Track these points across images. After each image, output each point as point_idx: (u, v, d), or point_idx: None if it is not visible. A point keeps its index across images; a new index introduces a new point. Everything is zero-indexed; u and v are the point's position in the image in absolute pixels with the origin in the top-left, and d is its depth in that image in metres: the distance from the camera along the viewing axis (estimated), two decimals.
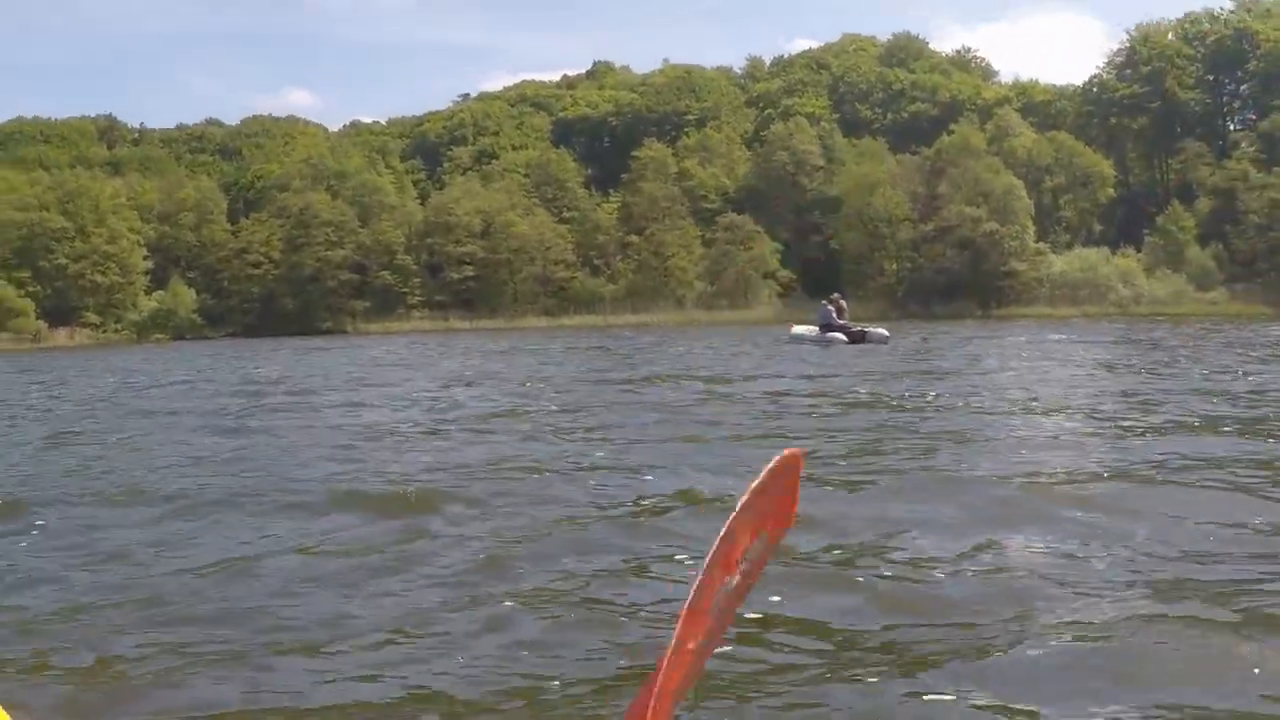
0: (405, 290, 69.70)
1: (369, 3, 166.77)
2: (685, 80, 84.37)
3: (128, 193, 71.80)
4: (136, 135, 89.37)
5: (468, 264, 70.39)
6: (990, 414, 11.39)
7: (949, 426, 10.20)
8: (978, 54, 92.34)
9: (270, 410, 15.05)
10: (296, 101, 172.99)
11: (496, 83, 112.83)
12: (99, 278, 69.11)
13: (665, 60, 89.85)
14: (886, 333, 29.85)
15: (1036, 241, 68.44)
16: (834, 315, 29.47)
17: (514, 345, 39.37)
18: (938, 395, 13.56)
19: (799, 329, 31.75)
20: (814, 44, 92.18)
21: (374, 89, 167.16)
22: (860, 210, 69.01)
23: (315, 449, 10.70)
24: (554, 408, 13.41)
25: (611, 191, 74.85)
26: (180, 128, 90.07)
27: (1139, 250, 66.89)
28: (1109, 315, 57.75)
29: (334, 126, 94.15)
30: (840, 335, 28.55)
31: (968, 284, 68.75)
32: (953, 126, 72.69)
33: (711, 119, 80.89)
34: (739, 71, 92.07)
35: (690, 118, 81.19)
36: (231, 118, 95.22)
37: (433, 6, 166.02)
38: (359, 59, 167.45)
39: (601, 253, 72.77)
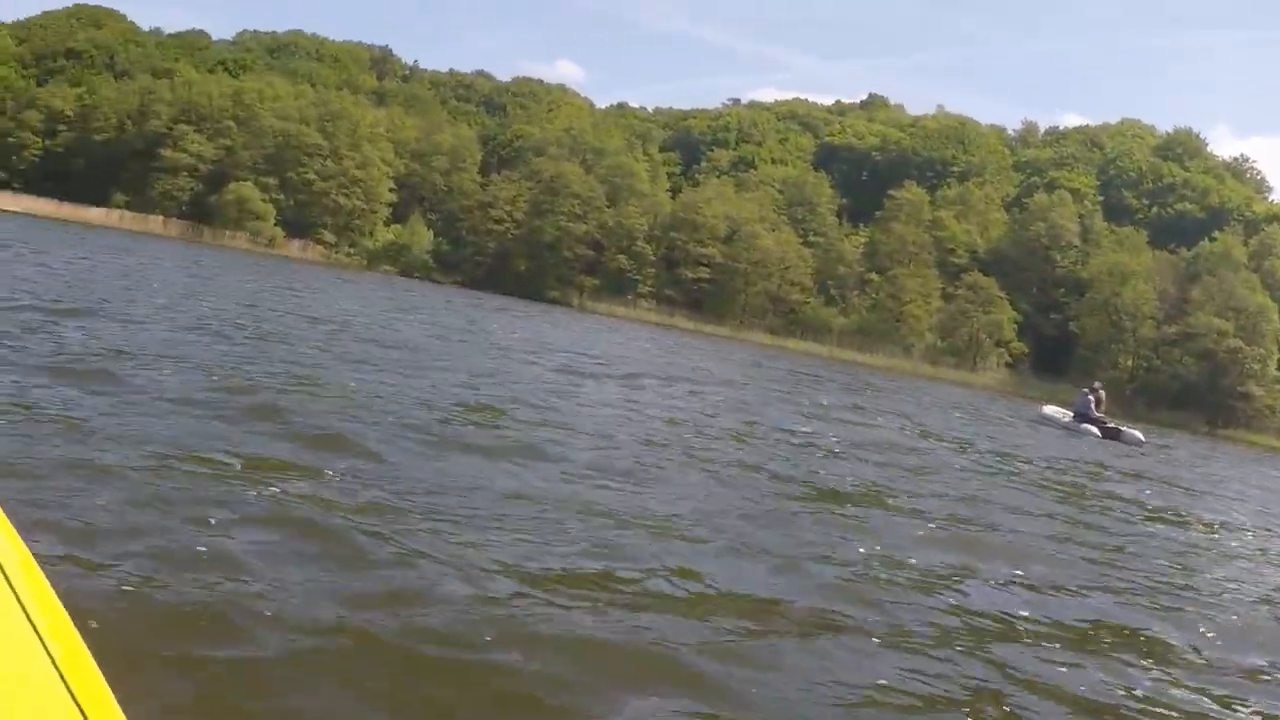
0: (638, 278, 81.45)
1: None
2: (957, 130, 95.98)
3: (388, 124, 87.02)
4: (407, 72, 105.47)
5: (704, 265, 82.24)
6: None
7: None
8: (1255, 164, 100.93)
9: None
10: (565, 73, 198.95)
11: (767, 95, 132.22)
12: (342, 199, 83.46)
13: (940, 106, 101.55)
14: (1142, 436, 32.96)
15: (1278, 369, 75.70)
16: (1092, 406, 32.89)
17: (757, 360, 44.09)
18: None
19: (1050, 410, 35.89)
20: (1089, 121, 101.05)
21: (644, 76, 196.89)
22: (1108, 298, 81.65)
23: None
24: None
25: (861, 225, 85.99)
26: (451, 73, 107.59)
27: None
28: None
29: (600, 104, 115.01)
30: (1094, 428, 31.80)
31: (1200, 396, 74.17)
32: (1216, 233, 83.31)
33: (975, 175, 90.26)
34: (1011, 133, 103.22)
35: (955, 169, 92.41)
36: (502, 74, 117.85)
37: (718, 8, 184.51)
38: (635, 43, 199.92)
39: (840, 283, 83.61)
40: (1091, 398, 32.62)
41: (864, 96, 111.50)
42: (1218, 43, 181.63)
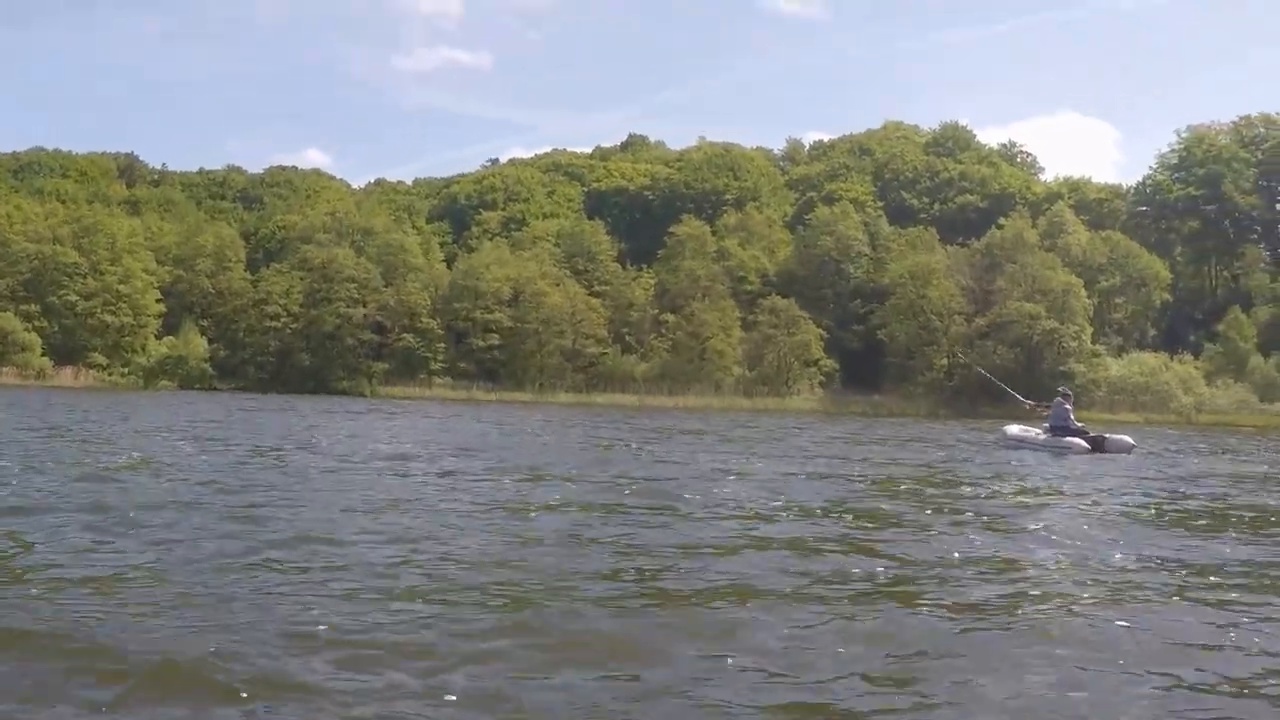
0: (428, 355, 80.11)
1: (391, 71, 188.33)
2: (723, 158, 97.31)
3: (145, 233, 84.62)
4: (157, 176, 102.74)
5: (494, 332, 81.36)
6: None
7: None
8: (1024, 148, 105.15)
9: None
10: (314, 160, 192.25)
11: (530, 151, 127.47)
12: (109, 317, 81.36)
13: (701, 137, 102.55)
14: (1131, 440, 29.76)
15: (1092, 343, 76.45)
16: (1071, 416, 29.90)
17: (624, 427, 43.77)
18: None
19: (1016, 429, 32.29)
20: (853, 130, 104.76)
21: (395, 154, 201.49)
22: (912, 301, 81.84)
23: None
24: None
25: (645, 267, 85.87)
26: (202, 172, 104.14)
27: (1195, 356, 75.25)
28: (1171, 423, 67.33)
29: (357, 184, 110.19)
30: (1079, 440, 28.54)
31: (1021, 383, 76.96)
32: (1002, 220, 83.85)
33: (751, 199, 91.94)
34: (778, 153, 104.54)
35: (729, 197, 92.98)
36: (254, 168, 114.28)
37: (457, 79, 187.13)
38: (381, 124, 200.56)
39: (635, 329, 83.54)
40: (1069, 406, 29.79)
41: (624, 139, 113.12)
42: (954, 42, 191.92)
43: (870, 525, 12.27)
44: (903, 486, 17.60)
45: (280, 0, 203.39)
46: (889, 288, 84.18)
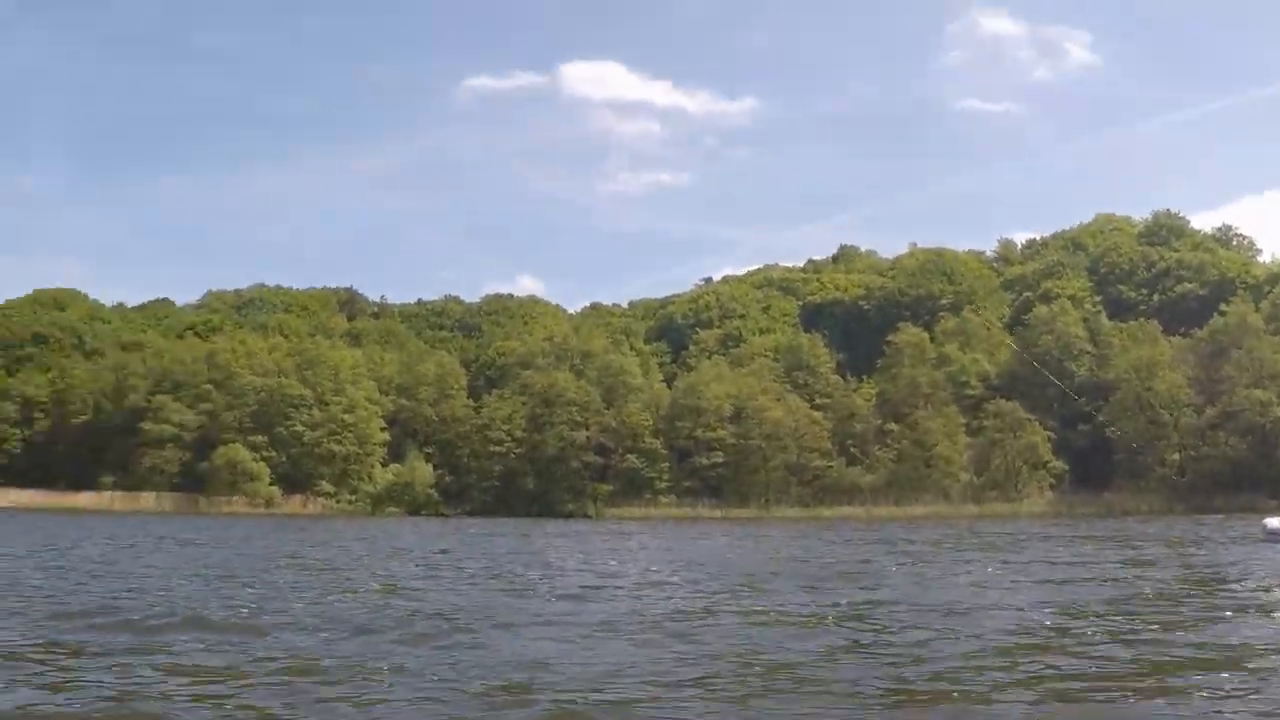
0: (652, 475, 79.16)
1: (597, 195, 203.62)
2: (936, 263, 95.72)
3: (367, 363, 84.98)
4: (376, 309, 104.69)
5: (717, 449, 79.82)
6: None
7: None
8: (1240, 230, 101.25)
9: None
10: (528, 287, 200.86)
11: (738, 267, 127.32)
12: (335, 446, 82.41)
13: (912, 243, 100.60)
14: None
15: None
16: None
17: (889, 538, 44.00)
18: None
19: (1276, 523, 30.73)
20: (1064, 226, 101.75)
21: (605, 277, 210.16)
22: (1139, 396, 79.41)
23: None
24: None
25: (865, 377, 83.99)
26: (420, 303, 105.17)
27: None
28: None
29: (571, 309, 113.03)
30: None
31: (1256, 473, 72.93)
32: (1224, 306, 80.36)
33: (967, 302, 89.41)
34: (990, 254, 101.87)
35: (944, 301, 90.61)
36: (470, 297, 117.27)
37: (662, 200, 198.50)
38: (589, 247, 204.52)
39: (858, 441, 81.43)
40: None
41: (834, 250, 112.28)
42: (1158, 128, 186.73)
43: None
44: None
45: (484, 136, 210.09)
46: (1113, 383, 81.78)
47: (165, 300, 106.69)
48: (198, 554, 30.47)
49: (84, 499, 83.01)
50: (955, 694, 9.65)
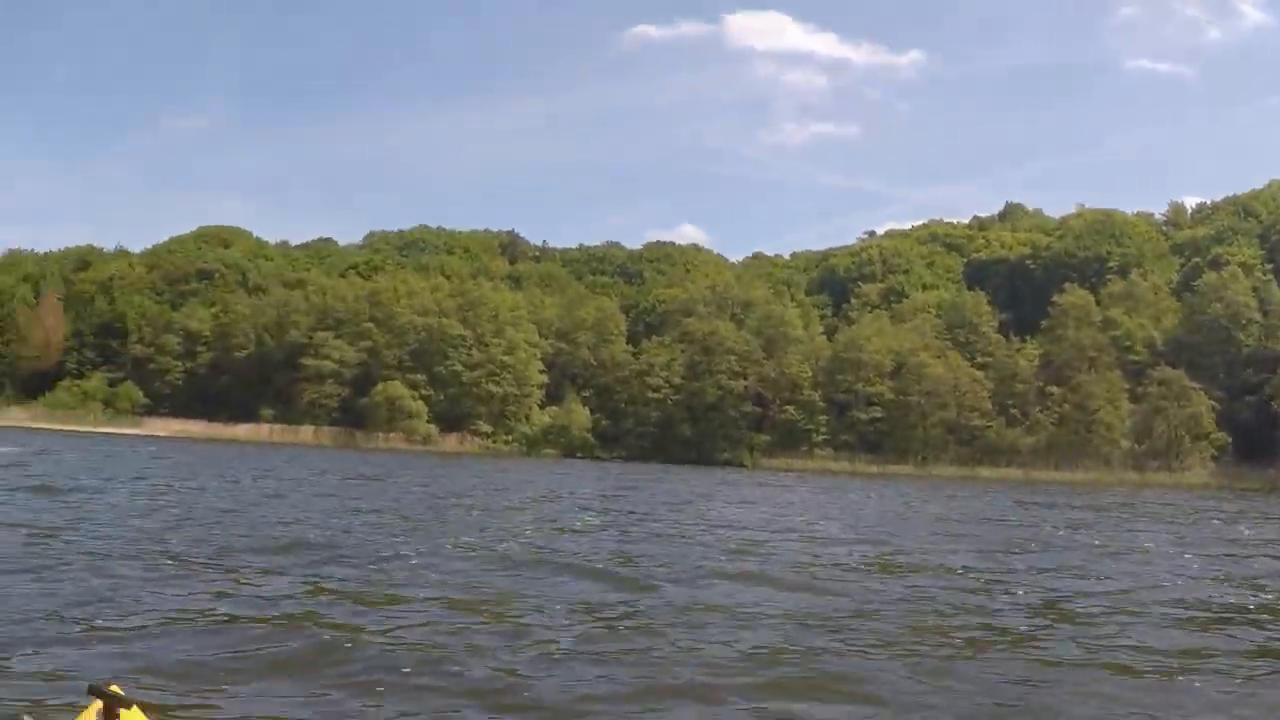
0: (810, 427, 78.71)
1: (761, 146, 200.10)
2: (1104, 224, 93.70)
3: (528, 306, 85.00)
4: (538, 252, 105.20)
5: (875, 404, 78.70)
6: None
7: None
8: None
9: None
10: (690, 236, 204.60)
11: (901, 222, 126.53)
12: (493, 387, 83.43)
13: (1080, 204, 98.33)
14: None
15: None
16: None
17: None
18: None
19: None
20: (1235, 191, 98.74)
21: (768, 227, 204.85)
22: None
23: None
24: None
25: (1027, 338, 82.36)
26: (581, 247, 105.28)
27: None
28: None
29: (732, 258, 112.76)
30: None
31: None
32: None
33: (1134, 266, 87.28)
34: (1159, 217, 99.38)
35: (1111, 264, 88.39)
36: (631, 243, 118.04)
37: (827, 152, 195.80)
38: (752, 197, 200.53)
39: (1019, 402, 79.81)
40: None
41: (1000, 208, 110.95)
42: None
43: None
44: None
45: (648, 84, 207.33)
46: None
47: (328, 240, 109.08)
48: (380, 490, 30.85)
49: (243, 430, 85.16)
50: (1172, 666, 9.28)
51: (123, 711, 2.69)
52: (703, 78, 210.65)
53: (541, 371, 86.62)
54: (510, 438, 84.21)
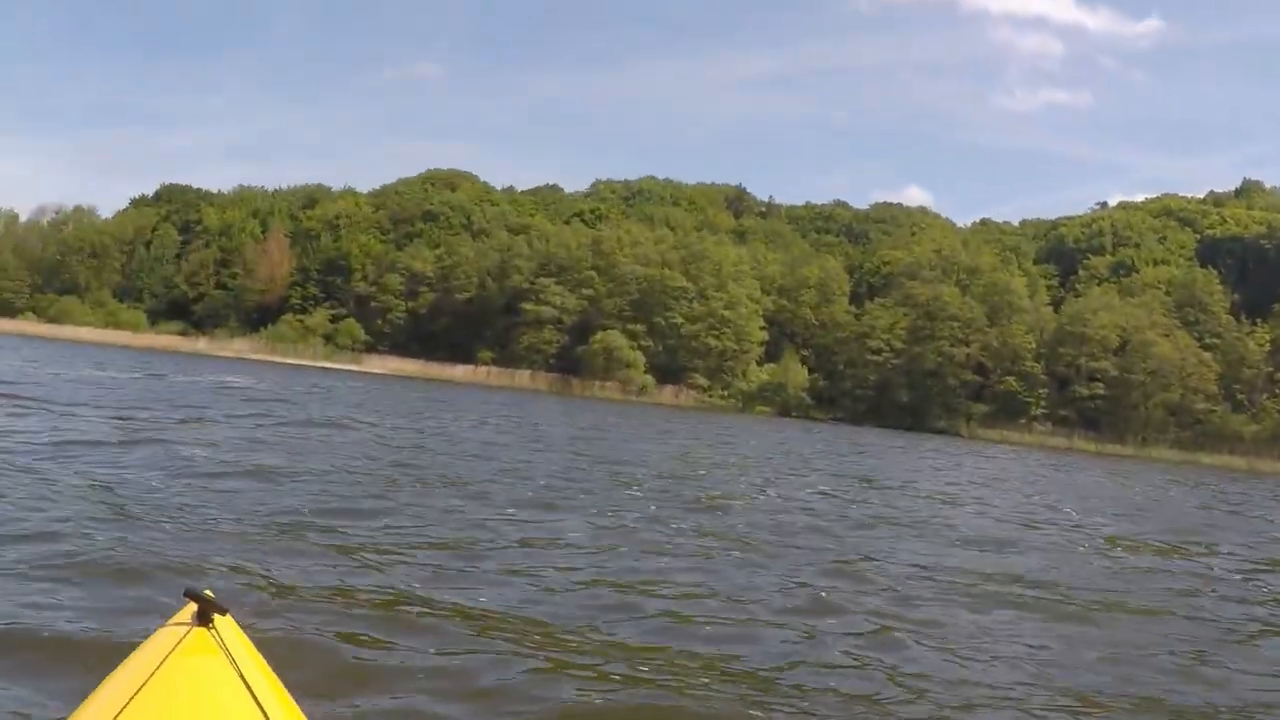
0: (1029, 399, 78.09)
1: (992, 110, 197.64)
2: None
3: (751, 262, 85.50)
4: (764, 208, 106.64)
5: (1099, 380, 77.84)
6: None
7: None
8: None
9: None
10: (916, 198, 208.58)
11: (1131, 193, 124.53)
12: (713, 341, 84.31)
13: None
14: None
15: None
16: None
17: None
18: None
19: None
20: None
21: (996, 192, 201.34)
22: None
23: None
24: None
25: (1260, 321, 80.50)
26: (808, 205, 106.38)
27: None
28: None
29: (959, 223, 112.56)
30: None
31: None
32: None
33: None
34: None
35: None
36: (857, 203, 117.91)
37: (1059, 119, 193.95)
38: (981, 162, 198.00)
39: (1246, 387, 78.25)
40: None
41: (1237, 184, 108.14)
42: None
43: None
44: None
45: (879, 44, 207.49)
46: None
47: (554, 187, 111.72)
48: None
49: (460, 372, 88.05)
50: None
51: (216, 617, 2.72)
52: (936, 39, 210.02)
53: (762, 328, 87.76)
54: (726, 393, 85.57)
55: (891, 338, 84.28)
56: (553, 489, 15.17)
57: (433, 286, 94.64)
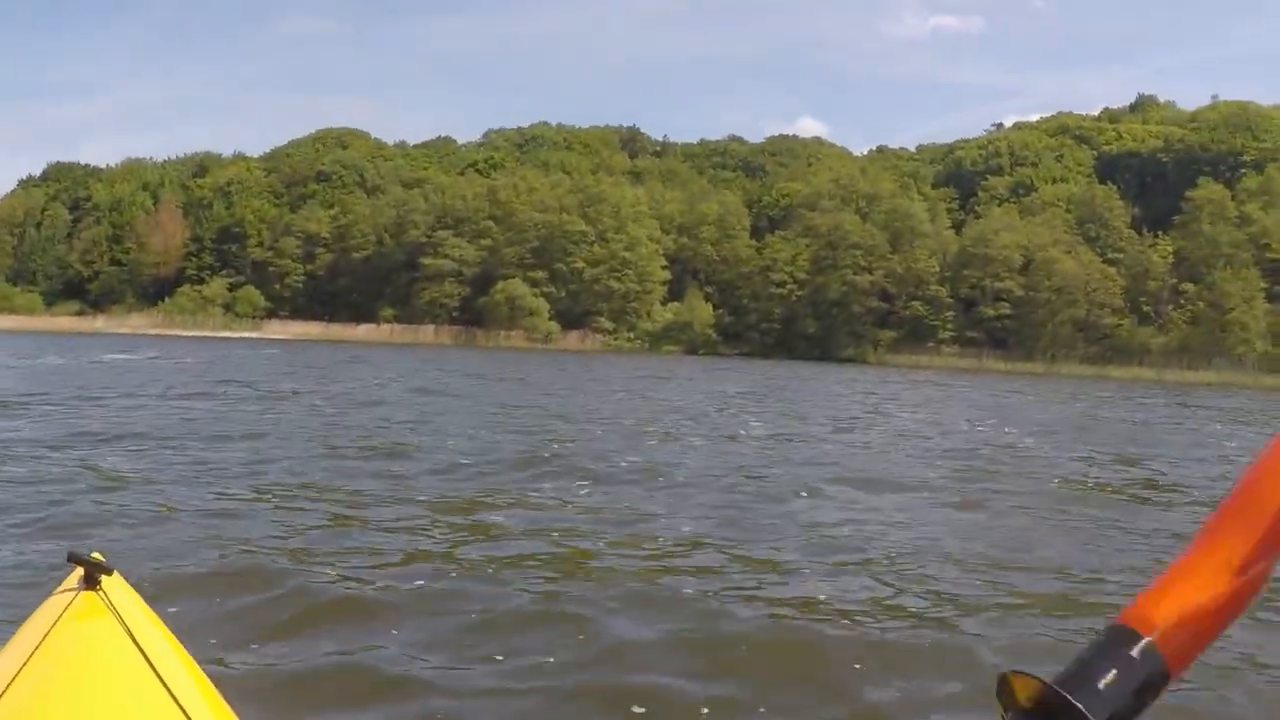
0: (936, 323, 77.79)
1: (882, 38, 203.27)
2: (1240, 117, 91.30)
3: (649, 201, 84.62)
4: (659, 148, 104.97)
5: (1004, 300, 77.74)
6: None
7: None
8: None
9: None
10: (810, 129, 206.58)
11: (1028, 114, 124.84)
12: (615, 284, 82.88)
13: (1215, 96, 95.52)
14: None
15: None
16: None
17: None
18: None
19: None
20: None
21: (890, 120, 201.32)
22: None
23: None
24: None
25: (1160, 234, 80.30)
26: (702, 142, 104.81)
27: None
28: None
29: (855, 151, 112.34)
30: None
31: None
32: None
33: (1272, 160, 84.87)
34: None
35: (1247, 158, 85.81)
36: (752, 137, 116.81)
37: (950, 44, 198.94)
38: (874, 90, 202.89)
39: (1151, 300, 77.92)
40: None
41: (1132, 100, 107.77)
42: None
43: None
44: None
45: None
46: None
47: (447, 138, 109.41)
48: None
49: (362, 331, 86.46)
50: None
51: (104, 578, 2.59)
52: None
53: (664, 268, 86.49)
54: (632, 335, 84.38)
55: (795, 269, 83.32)
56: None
57: (329, 247, 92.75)
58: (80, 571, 2.62)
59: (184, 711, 2.09)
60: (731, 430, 18.49)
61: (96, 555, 2.64)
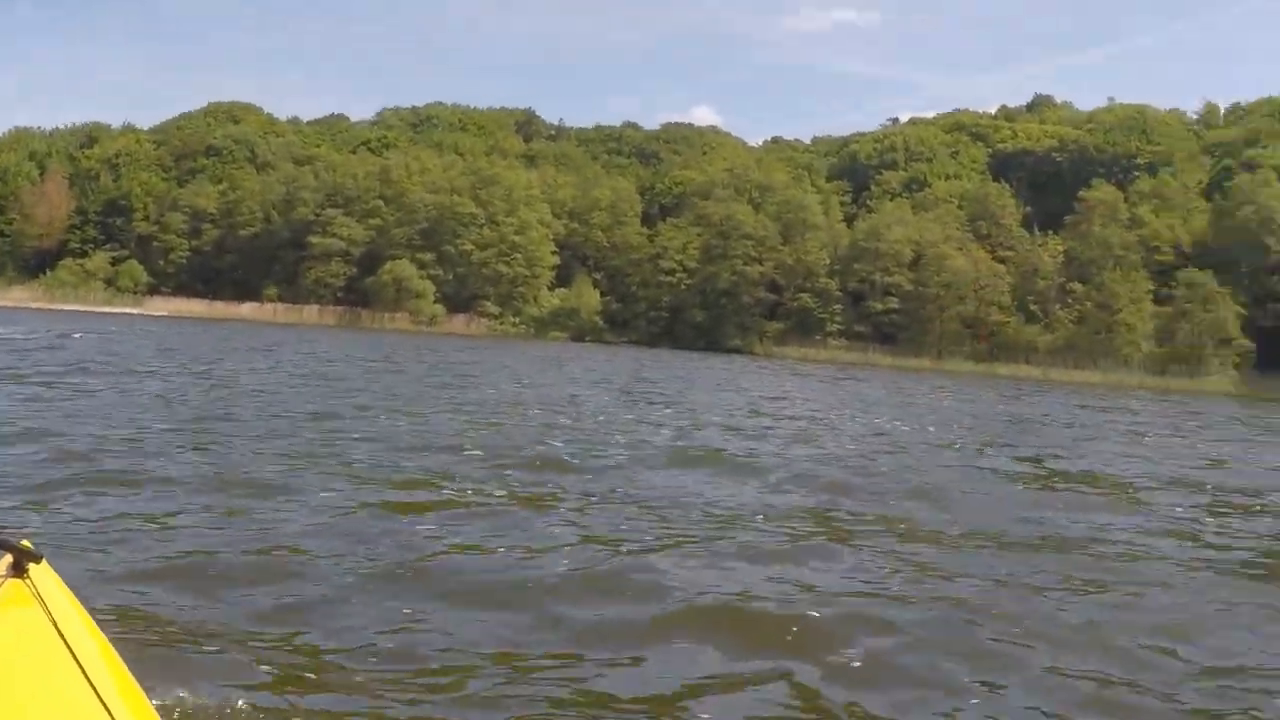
0: (824, 315, 77.55)
1: (781, 30, 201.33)
2: (1136, 120, 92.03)
3: (542, 185, 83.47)
4: (554, 131, 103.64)
5: (893, 295, 77.78)
6: None
7: None
8: None
9: None
10: (705, 119, 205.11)
11: (924, 110, 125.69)
12: (503, 268, 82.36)
13: (1111, 98, 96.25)
14: None
15: None
16: None
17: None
18: None
19: None
20: (1272, 93, 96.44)
21: (787, 112, 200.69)
22: None
23: None
24: None
25: (1052, 233, 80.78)
26: (598, 128, 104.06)
27: None
28: None
29: (750, 142, 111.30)
30: None
31: None
32: None
33: (1164, 164, 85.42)
34: (1192, 115, 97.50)
35: (1140, 161, 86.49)
36: (648, 124, 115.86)
37: (848, 38, 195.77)
38: (771, 82, 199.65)
39: (1040, 298, 78.60)
40: None
41: (1029, 99, 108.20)
42: None
43: None
44: None
45: None
46: None
47: (340, 116, 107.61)
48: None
49: (246, 310, 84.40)
50: None
51: (31, 566, 2.53)
52: None
53: (554, 253, 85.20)
54: (518, 320, 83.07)
55: (685, 258, 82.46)
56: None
57: (216, 223, 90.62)
58: (9, 559, 2.53)
59: (102, 702, 2.08)
60: None
61: (25, 543, 2.57)
